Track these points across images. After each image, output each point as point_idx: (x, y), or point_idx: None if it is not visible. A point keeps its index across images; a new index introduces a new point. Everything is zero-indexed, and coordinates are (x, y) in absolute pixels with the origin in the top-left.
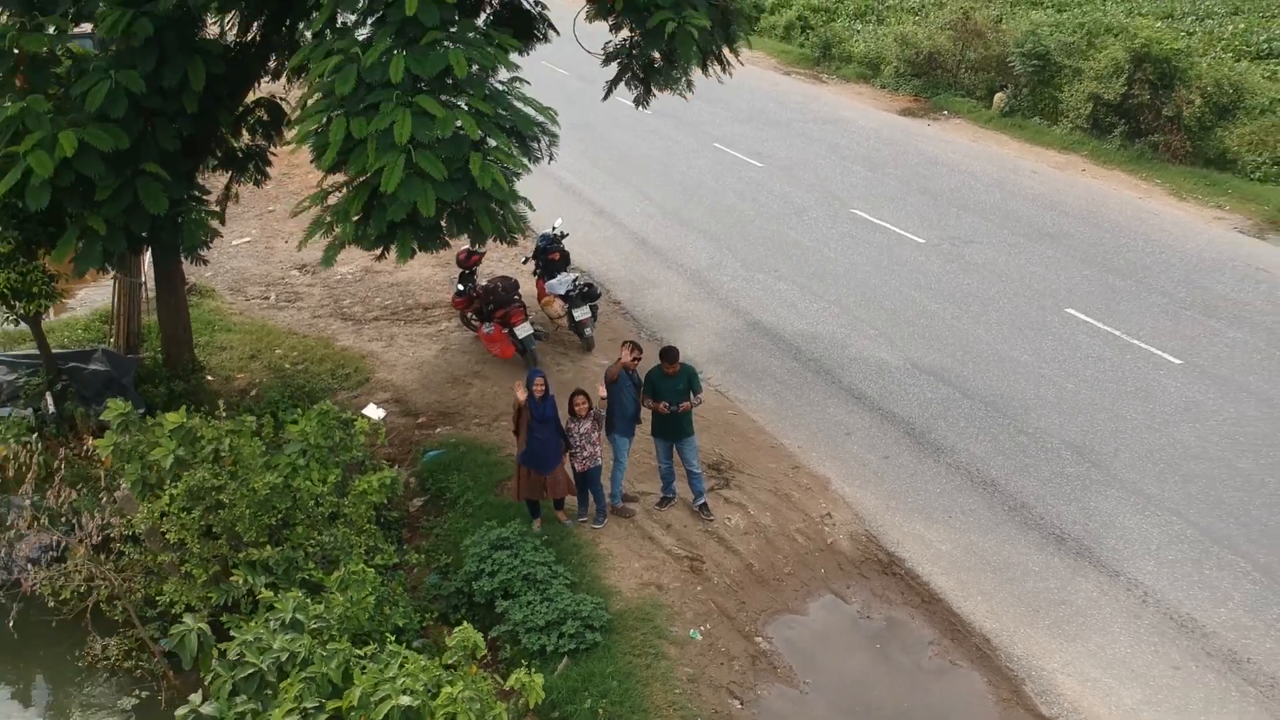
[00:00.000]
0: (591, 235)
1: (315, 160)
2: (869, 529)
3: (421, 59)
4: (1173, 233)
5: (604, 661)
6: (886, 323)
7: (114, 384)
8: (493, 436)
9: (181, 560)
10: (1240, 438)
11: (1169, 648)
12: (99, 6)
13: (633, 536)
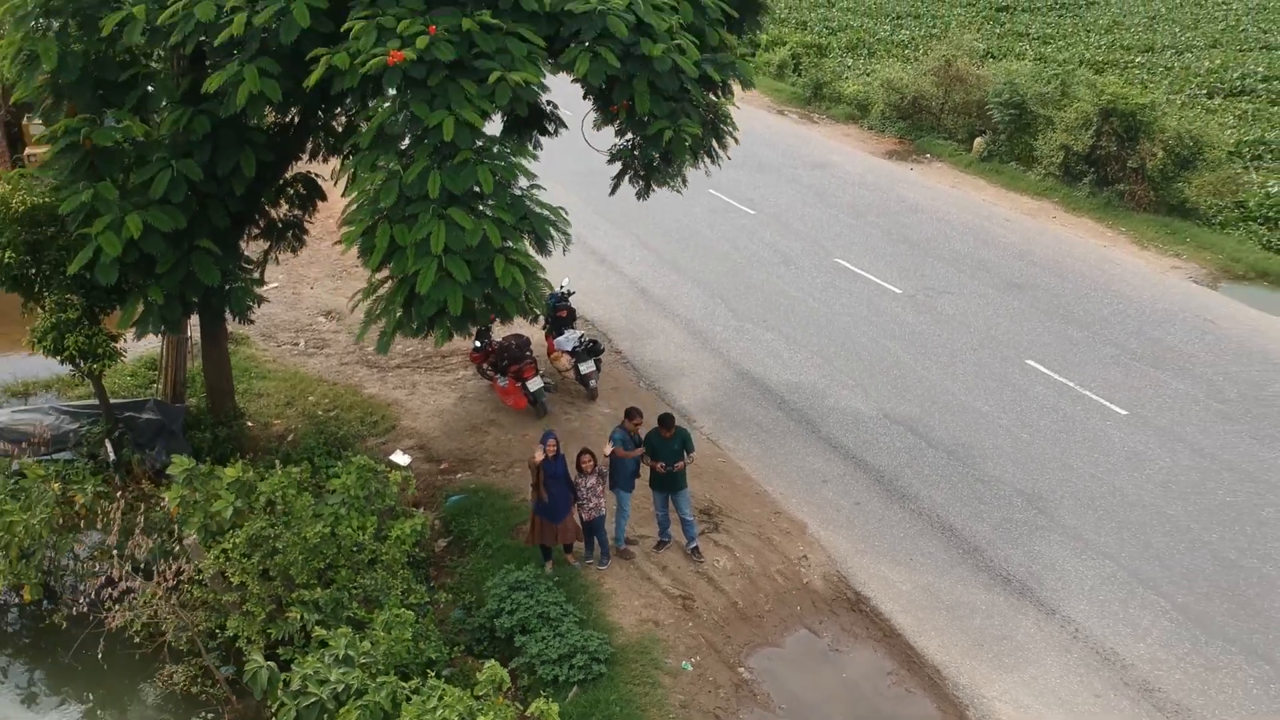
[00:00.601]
0: (595, 284)
1: (362, 259)
2: (840, 570)
3: (454, 176)
4: (1131, 283)
5: (608, 690)
6: (863, 373)
7: (165, 431)
8: (508, 482)
9: (242, 599)
10: (1173, 486)
11: (1092, 678)
12: (161, 103)
13: (633, 577)
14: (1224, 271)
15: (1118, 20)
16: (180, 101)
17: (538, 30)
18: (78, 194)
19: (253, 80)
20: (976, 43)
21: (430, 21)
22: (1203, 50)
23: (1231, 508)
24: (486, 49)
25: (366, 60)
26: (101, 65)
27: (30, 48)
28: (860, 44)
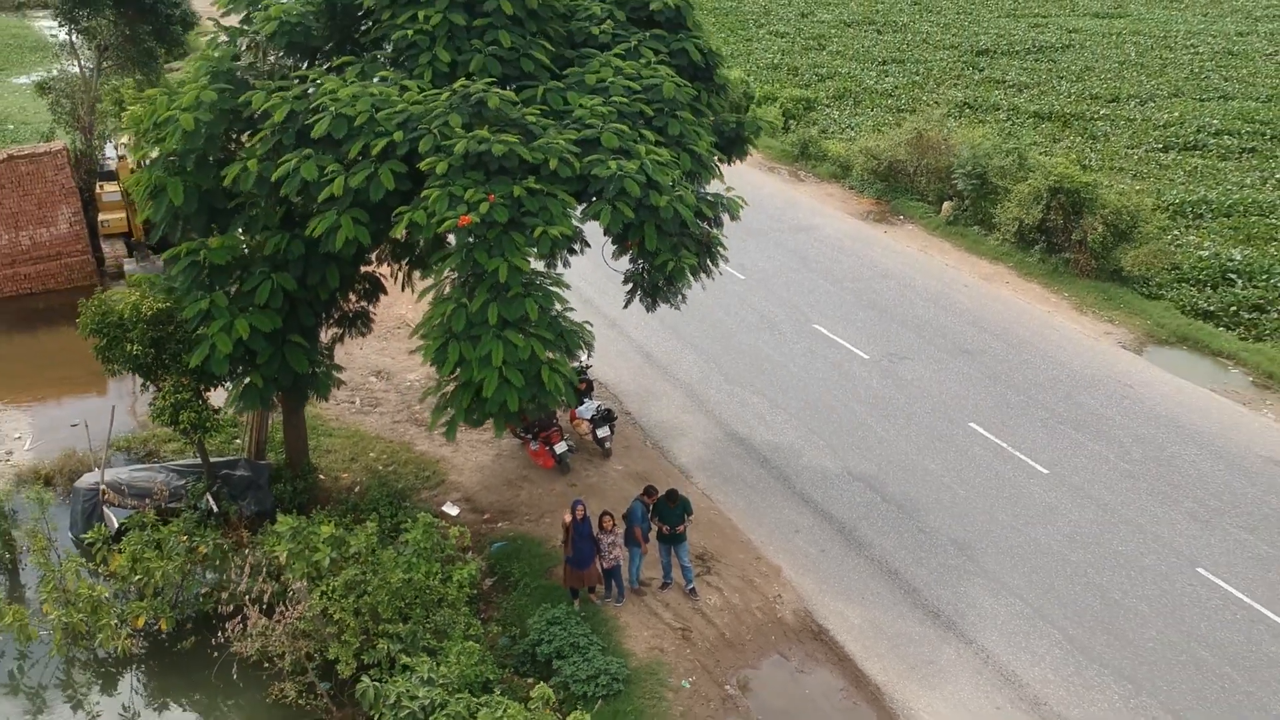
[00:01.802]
0: (608, 348)
1: (437, 369)
2: (807, 606)
3: (508, 306)
4: (1067, 349)
5: (625, 703)
6: (832, 434)
7: (254, 485)
8: (540, 531)
9: (340, 631)
10: (1077, 536)
11: (996, 695)
12: (260, 227)
13: (642, 613)
14: (1150, 336)
15: (1089, 66)
16: (278, 226)
17: (568, 188)
18: (197, 302)
19: (348, 228)
20: (955, 92)
21: (490, 190)
22: (1165, 100)
23: (1122, 555)
24: (531, 208)
25: (442, 220)
26: (213, 196)
27: (160, 183)
28: (847, 94)
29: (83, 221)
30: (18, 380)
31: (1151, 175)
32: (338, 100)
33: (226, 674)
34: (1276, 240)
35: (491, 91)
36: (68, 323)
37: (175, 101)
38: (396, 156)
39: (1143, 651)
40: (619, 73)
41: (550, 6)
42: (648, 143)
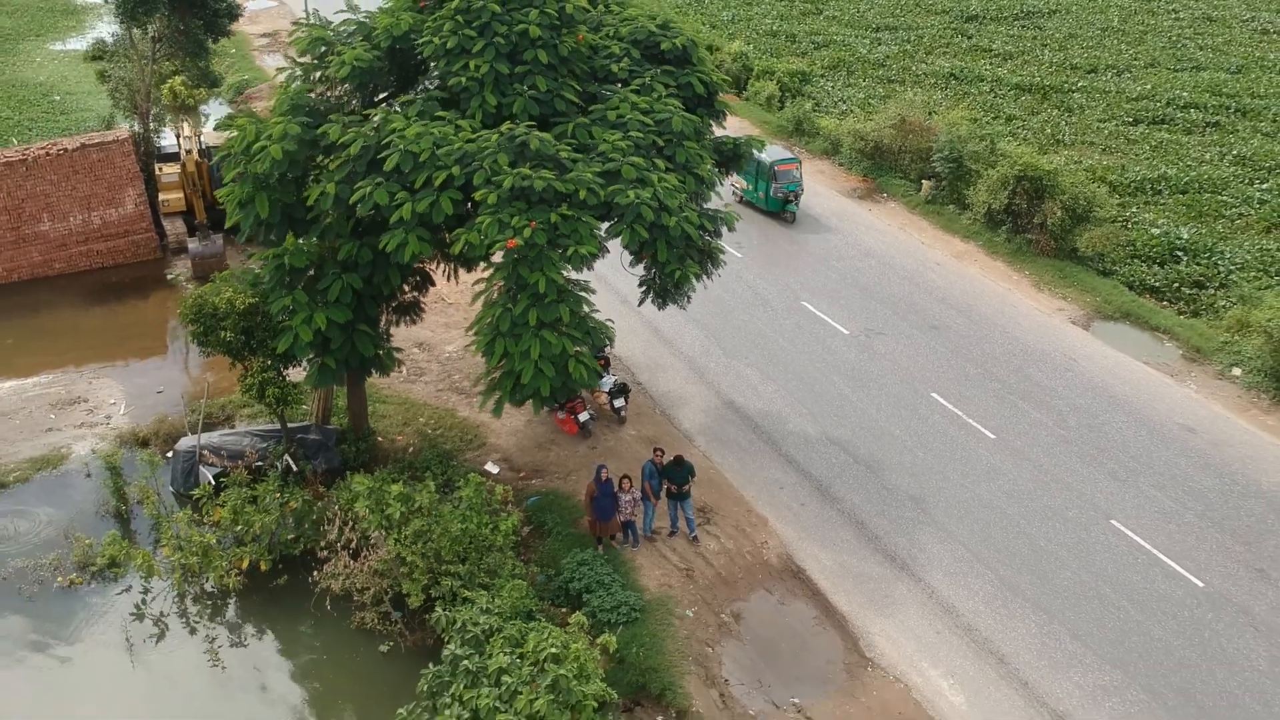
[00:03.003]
0: (620, 324)
1: (486, 359)
2: (788, 551)
3: (545, 311)
4: (1022, 325)
5: (641, 628)
6: (814, 403)
7: (324, 447)
8: (568, 487)
9: (410, 571)
10: (1014, 493)
11: (937, 623)
12: (334, 235)
13: (654, 556)
14: (1097, 312)
15: (1074, 33)
16: (349, 236)
17: (594, 212)
18: (282, 298)
19: (414, 245)
20: (944, 62)
21: (532, 217)
22: (1141, 70)
23: (1049, 509)
24: (565, 231)
25: (493, 242)
26: (292, 208)
27: (249, 197)
28: (841, 64)
29: (146, 202)
30: (105, 350)
31: (1119, 150)
32: (405, 138)
33: (319, 606)
34: (1225, 217)
35: (532, 135)
36: (137, 295)
37: (264, 130)
38: (454, 187)
39: (1059, 589)
40: (635, 108)
41: (578, 52)
42: (659, 170)
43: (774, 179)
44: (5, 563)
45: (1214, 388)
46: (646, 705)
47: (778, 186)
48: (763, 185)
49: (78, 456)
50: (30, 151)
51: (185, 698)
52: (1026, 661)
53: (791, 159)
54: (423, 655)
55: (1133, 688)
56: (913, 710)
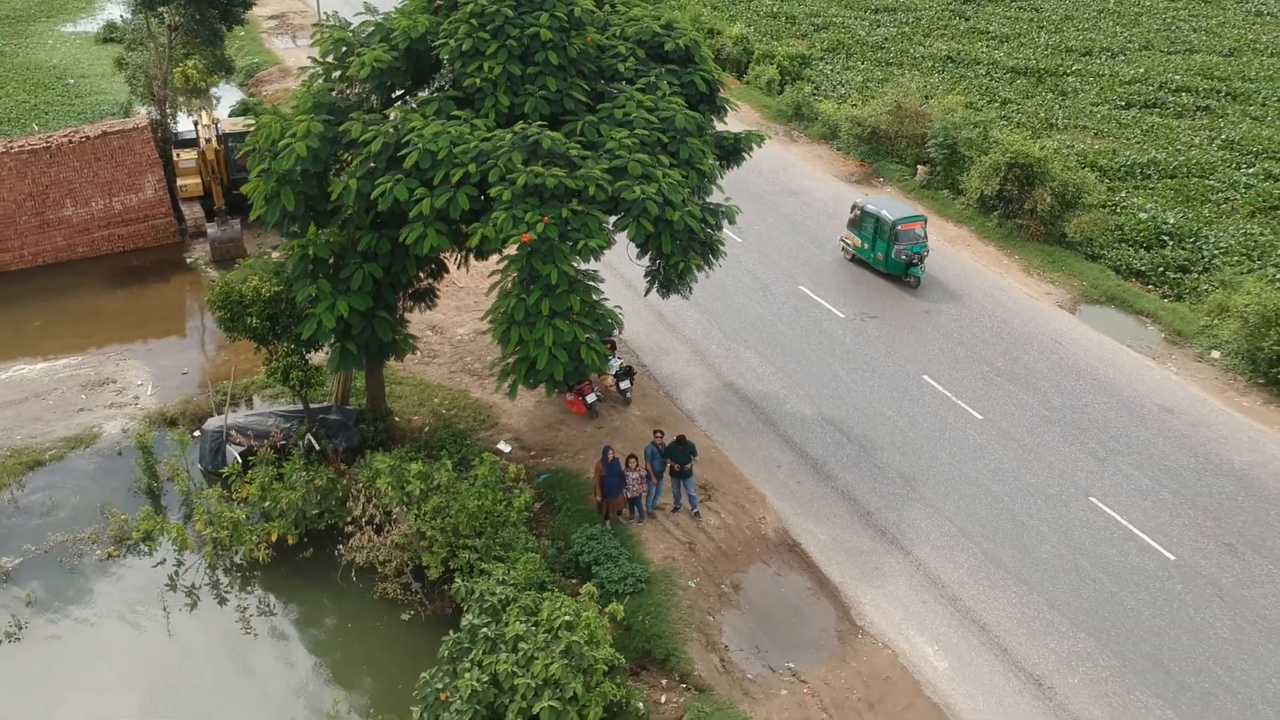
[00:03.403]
0: (625, 307)
1: (501, 346)
2: (785, 526)
3: (557, 300)
4: (1011, 308)
5: (647, 598)
6: (810, 385)
7: (344, 426)
8: (577, 465)
9: (430, 545)
10: (999, 471)
11: (922, 593)
12: (354, 226)
13: (658, 531)
14: (1084, 296)
15: (1070, 15)
16: (369, 227)
17: (602, 207)
18: (306, 287)
19: (432, 238)
20: (941, 44)
21: (544, 213)
22: (1135, 53)
23: (1032, 486)
24: (575, 225)
25: (508, 237)
26: (315, 201)
27: (275, 191)
28: (840, 46)
29: (165, 188)
30: (129, 332)
31: (1111, 134)
32: (423, 137)
33: (344, 577)
34: (1211, 201)
35: (544, 134)
36: (158, 279)
37: (289, 128)
38: (470, 183)
39: (1038, 562)
40: (640, 106)
41: (586, 53)
42: (663, 166)
43: (895, 239)
44: (46, 536)
45: (1193, 370)
46: (652, 669)
47: (900, 248)
48: (881, 246)
49: (109, 436)
50: (54, 139)
51: (218, 661)
52: (1006, 629)
53: (916, 217)
54: (442, 623)
55: (1104, 654)
56: (900, 675)
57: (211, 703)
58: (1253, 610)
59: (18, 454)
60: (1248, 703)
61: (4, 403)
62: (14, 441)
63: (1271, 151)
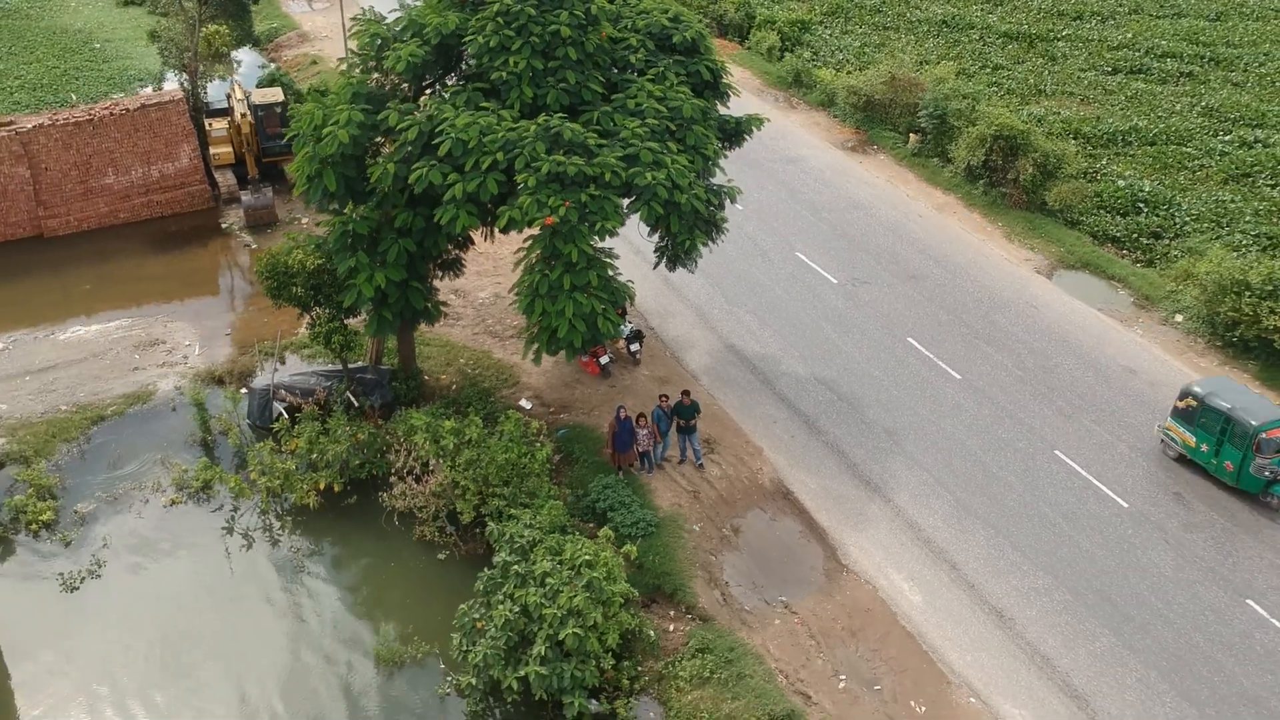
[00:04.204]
0: (633, 272)
1: (526, 317)
2: (779, 476)
3: (577, 276)
4: (991, 274)
5: (657, 540)
6: (805, 346)
7: (379, 385)
8: (592, 421)
9: (463, 493)
10: (974, 427)
11: (900, 536)
12: (390, 204)
13: (666, 480)
14: (1061, 262)
15: None
16: (405, 206)
17: (617, 191)
18: (347, 260)
19: (464, 219)
20: (936, 8)
21: (565, 198)
22: (1125, 17)
23: (1003, 440)
24: (593, 209)
25: (532, 219)
26: (354, 181)
27: (317, 172)
28: (839, 10)
29: (199, 156)
30: (173, 294)
31: (1097, 100)
32: (455, 127)
33: (387, 521)
34: (1187, 169)
35: (565, 126)
36: (197, 244)
37: (331, 117)
38: (498, 170)
39: (1006, 509)
40: (651, 96)
41: (601, 47)
42: (672, 153)
43: (1258, 449)
44: (114, 485)
45: (1158, 333)
46: (661, 602)
47: (1264, 461)
48: (1232, 454)
49: (163, 393)
50: (95, 111)
51: (275, 595)
52: (974, 568)
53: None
54: (474, 563)
55: (1060, 590)
56: (879, 607)
57: (271, 630)
58: (1193, 552)
59: (83, 410)
60: (1181, 632)
61: (66, 362)
62: (78, 398)
63: (1248, 119)
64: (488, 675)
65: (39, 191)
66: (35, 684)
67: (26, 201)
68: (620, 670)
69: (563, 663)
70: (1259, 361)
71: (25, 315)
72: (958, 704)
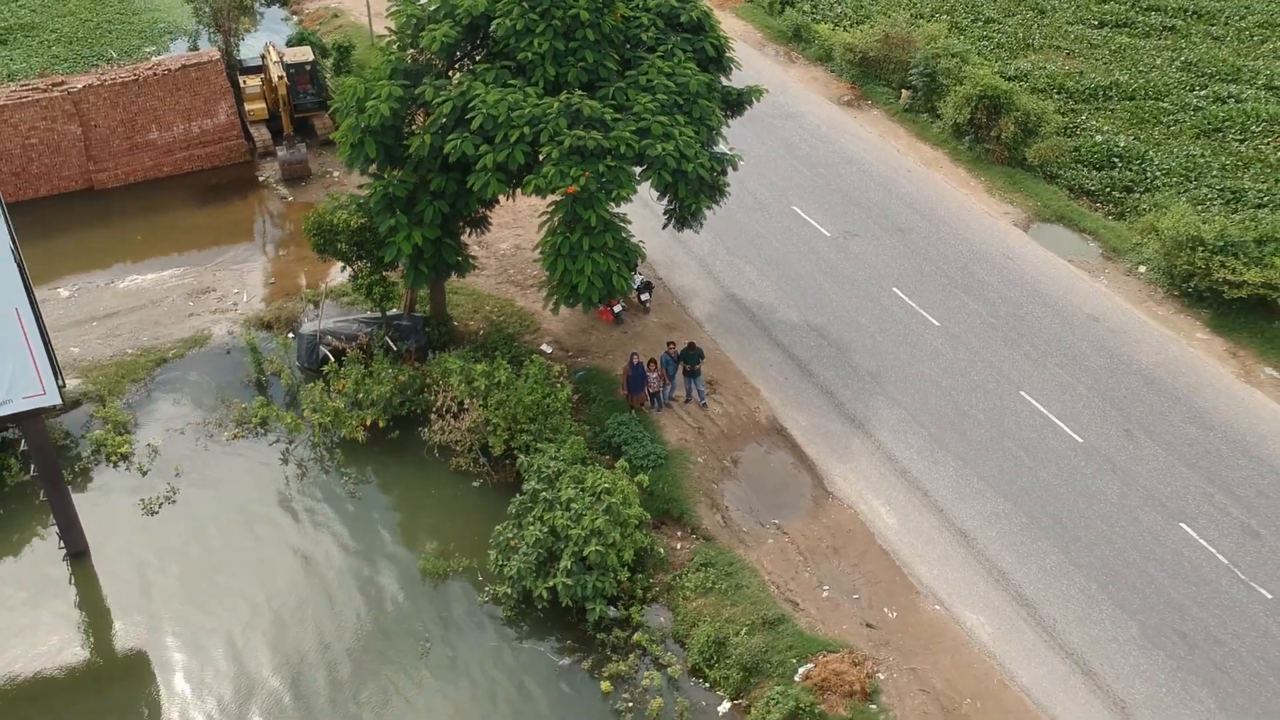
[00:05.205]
0: (643, 226)
1: (548, 274)
2: (774, 414)
3: (595, 238)
4: (973, 227)
5: (666, 471)
6: (799, 296)
7: (414, 331)
8: (607, 364)
9: (494, 429)
10: (950, 369)
11: (881, 467)
12: (425, 169)
13: (673, 418)
14: (1037, 215)
15: None
16: (439, 171)
17: (630, 162)
18: (387, 220)
19: (494, 186)
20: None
21: (585, 168)
22: None
23: (975, 382)
24: (610, 178)
25: (555, 187)
26: (392, 149)
27: (360, 140)
28: None
29: (236, 113)
30: (219, 244)
31: (1082, 54)
32: (486, 103)
33: (428, 454)
34: (1162, 123)
35: (585, 103)
36: (237, 196)
37: (373, 91)
38: (525, 142)
39: (974, 443)
40: (660, 72)
41: (617, 28)
42: (680, 125)
43: None
44: (180, 421)
45: (1122, 283)
46: (670, 524)
47: None
48: None
49: (218, 337)
50: (140, 71)
51: (329, 519)
52: (943, 495)
53: None
54: (504, 490)
55: (1018, 514)
56: (859, 528)
57: (328, 547)
58: (1137, 482)
59: (146, 353)
60: (1121, 550)
61: (127, 309)
62: (141, 342)
63: (1224, 73)
64: (521, 586)
65: (89, 147)
66: (127, 599)
67: (78, 156)
68: (635, 582)
69: (585, 575)
70: (1210, 310)
71: (83, 263)
72: (924, 610)
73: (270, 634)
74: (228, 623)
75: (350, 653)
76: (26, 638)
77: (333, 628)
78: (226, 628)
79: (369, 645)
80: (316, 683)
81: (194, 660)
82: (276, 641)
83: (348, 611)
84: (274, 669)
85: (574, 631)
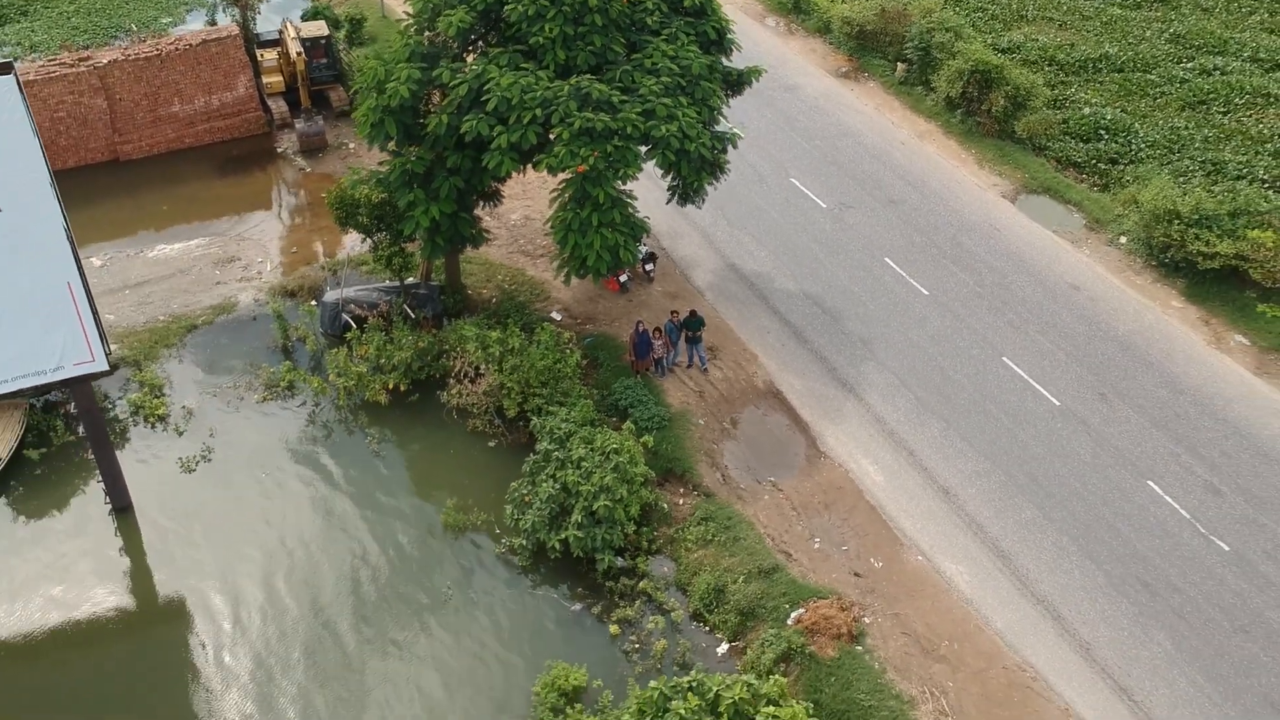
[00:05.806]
0: (647, 197)
1: (559, 248)
2: (771, 378)
3: (603, 214)
4: (962, 198)
5: (669, 432)
6: (795, 266)
7: (430, 299)
8: (614, 331)
9: (508, 392)
10: (937, 337)
11: (870, 428)
12: (442, 146)
13: (676, 383)
14: (1024, 187)
15: None
16: (454, 149)
17: (637, 142)
18: (405, 195)
19: (508, 164)
20: None
21: (595, 149)
22: None
23: (960, 348)
24: (617, 158)
25: (566, 166)
26: (411, 127)
27: (380, 119)
28: None
29: (254, 86)
30: (241, 213)
31: (1074, 26)
32: (500, 86)
33: (446, 416)
34: (1148, 96)
35: (594, 86)
36: (257, 167)
37: (393, 73)
38: (537, 123)
39: (958, 407)
40: (665, 56)
41: (624, 13)
42: (683, 106)
43: None
44: (212, 384)
45: (1103, 254)
46: (673, 481)
47: None
48: None
49: (244, 305)
50: (162, 46)
51: (354, 476)
52: (927, 454)
53: None
54: (518, 450)
55: (997, 472)
56: (849, 485)
57: (355, 501)
58: (1110, 443)
59: (178, 319)
60: (1092, 506)
61: (157, 277)
62: (172, 309)
63: (1211, 46)
64: (535, 538)
65: (114, 119)
66: (169, 550)
67: (104, 129)
68: (640, 534)
69: (595, 528)
70: (1185, 280)
71: (112, 232)
72: (908, 561)
73: (303, 581)
74: (264, 569)
75: (381, 596)
76: (76, 585)
77: (363, 574)
78: (263, 574)
79: (397, 590)
80: (347, 624)
81: (232, 605)
82: (309, 588)
83: (375, 560)
84: (308, 612)
85: (584, 580)
